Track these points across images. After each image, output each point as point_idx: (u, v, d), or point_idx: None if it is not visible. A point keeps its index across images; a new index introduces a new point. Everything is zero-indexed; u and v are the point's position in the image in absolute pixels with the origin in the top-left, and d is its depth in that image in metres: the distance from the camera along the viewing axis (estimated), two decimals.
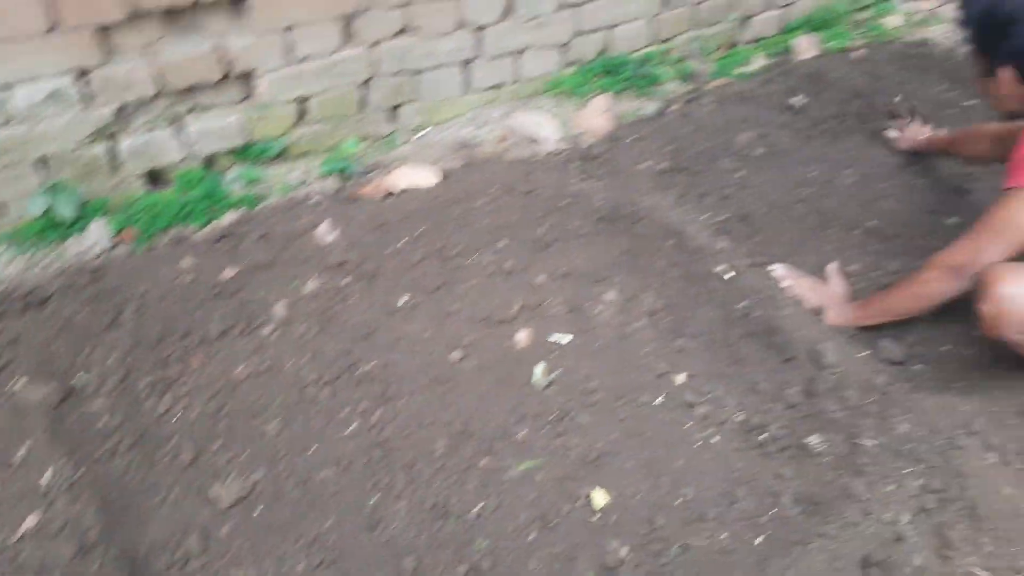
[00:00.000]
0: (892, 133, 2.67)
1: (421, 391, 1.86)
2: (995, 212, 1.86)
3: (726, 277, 2.09)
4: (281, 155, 2.46)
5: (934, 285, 1.95)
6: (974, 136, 2.40)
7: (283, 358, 1.93)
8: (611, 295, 2.13)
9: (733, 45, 3.11)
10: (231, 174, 2.40)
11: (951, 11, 3.41)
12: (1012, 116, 2.03)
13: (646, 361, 1.98)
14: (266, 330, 1.99)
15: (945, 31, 3.35)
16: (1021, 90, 1.94)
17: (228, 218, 2.29)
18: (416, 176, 2.37)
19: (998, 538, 1.57)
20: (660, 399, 1.90)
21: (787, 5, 3.16)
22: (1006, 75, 1.93)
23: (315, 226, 2.22)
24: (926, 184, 2.53)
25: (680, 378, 1.95)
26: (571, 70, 2.79)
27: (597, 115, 2.69)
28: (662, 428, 1.83)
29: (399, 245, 2.19)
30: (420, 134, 2.60)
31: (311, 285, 2.09)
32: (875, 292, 2.16)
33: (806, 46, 3.13)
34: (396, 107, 2.58)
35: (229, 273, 2.11)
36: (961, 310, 1.93)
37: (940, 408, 1.79)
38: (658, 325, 2.07)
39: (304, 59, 2.36)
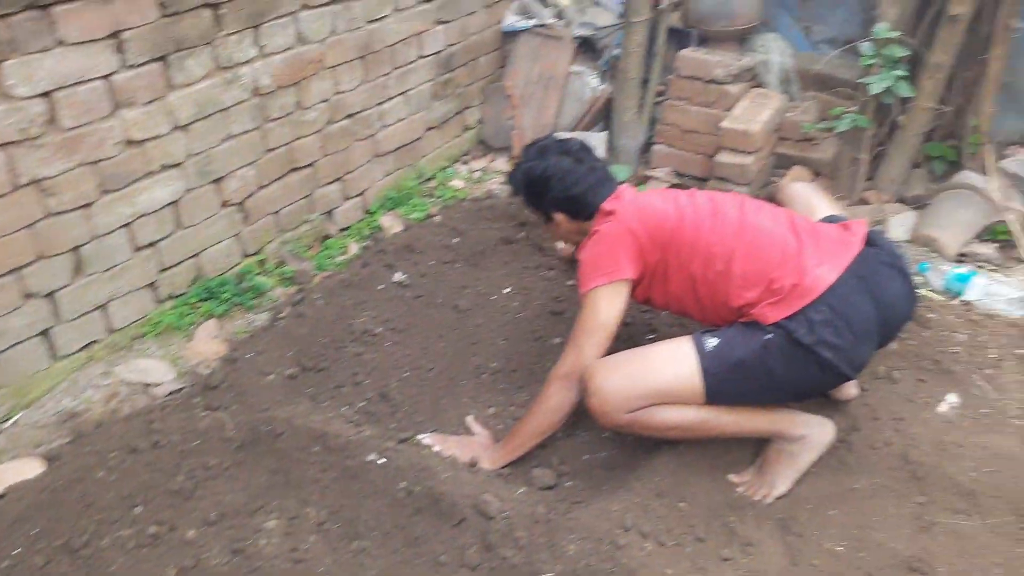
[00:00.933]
0: (559, 244, 3.01)
1: None
2: (582, 318, 2.16)
3: (380, 463, 2.11)
4: None
5: (555, 397, 2.16)
6: None
7: None
8: (272, 523, 2.03)
9: (326, 238, 3.25)
10: None
11: (502, 165, 3.93)
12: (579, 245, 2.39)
13: None
14: None
15: (501, 181, 3.82)
16: (575, 226, 2.39)
17: None
18: (15, 472, 2.10)
19: None
20: None
21: (362, 193, 3.40)
22: (560, 218, 2.39)
23: None
24: (525, 316, 2.80)
25: None
26: (169, 305, 2.71)
27: (208, 342, 2.63)
28: None
29: (15, 555, 1.90)
30: (10, 422, 2.32)
31: None
32: (513, 425, 2.33)
33: (392, 222, 3.38)
34: None
35: None
36: (585, 416, 2.15)
37: (596, 516, 1.94)
38: (329, 536, 2.01)
39: None
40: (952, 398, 2.42)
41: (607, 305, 2.14)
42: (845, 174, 3.54)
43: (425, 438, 2.29)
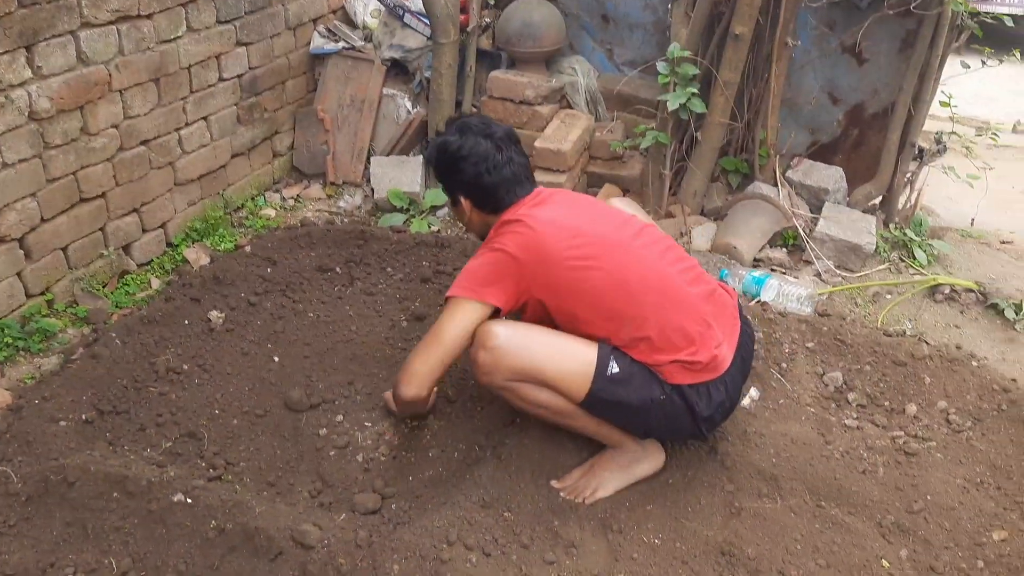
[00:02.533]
0: None
1: None
2: (436, 323, 2.09)
3: (187, 503, 1.97)
4: None
5: (401, 390, 2.10)
6: None
7: None
8: None
9: (124, 274, 3.05)
10: None
11: (317, 192, 3.85)
12: (481, 239, 2.28)
13: None
14: None
15: (317, 208, 3.74)
16: (479, 216, 2.26)
17: None
18: None
19: None
20: None
21: (163, 225, 3.22)
22: (466, 204, 2.26)
23: None
24: (343, 346, 2.73)
25: None
26: None
27: None
28: None
29: None
30: None
31: None
32: None
33: (198, 255, 3.22)
34: None
35: None
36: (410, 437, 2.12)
37: (419, 534, 1.91)
38: None
39: None
40: (753, 392, 2.57)
41: (459, 319, 2.06)
42: (652, 190, 3.72)
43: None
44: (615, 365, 2.05)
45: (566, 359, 2.05)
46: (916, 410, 2.55)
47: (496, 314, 2.09)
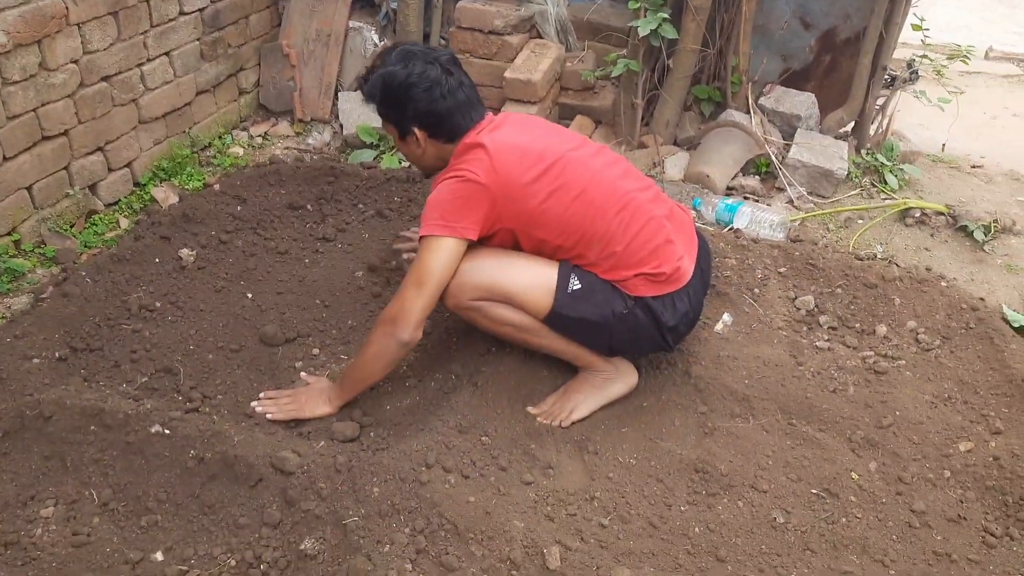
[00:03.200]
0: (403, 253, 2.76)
1: None
2: (416, 264, 2.05)
3: (165, 434, 1.98)
4: None
5: (380, 342, 2.08)
6: None
7: None
8: (48, 510, 1.87)
9: (92, 214, 3.00)
10: None
11: (285, 129, 3.79)
12: (432, 174, 2.26)
13: (116, 557, 1.78)
14: None
15: (285, 145, 3.68)
16: (434, 148, 2.17)
17: None
18: None
19: (480, 540, 1.75)
20: None
21: (129, 164, 3.16)
22: (419, 136, 2.14)
23: None
24: (317, 283, 2.71)
25: (158, 556, 1.79)
26: None
27: None
28: None
29: None
30: None
31: None
32: (344, 368, 2.27)
33: (166, 194, 3.17)
34: None
35: None
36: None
37: (398, 458, 1.93)
38: (115, 515, 1.88)
39: None
40: (727, 317, 2.60)
41: (440, 257, 2.03)
42: (624, 120, 3.69)
43: (256, 405, 2.19)
44: (576, 281, 2.09)
45: (528, 276, 2.08)
46: (886, 330, 2.60)
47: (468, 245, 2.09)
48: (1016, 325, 2.62)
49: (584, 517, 1.91)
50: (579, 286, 2.08)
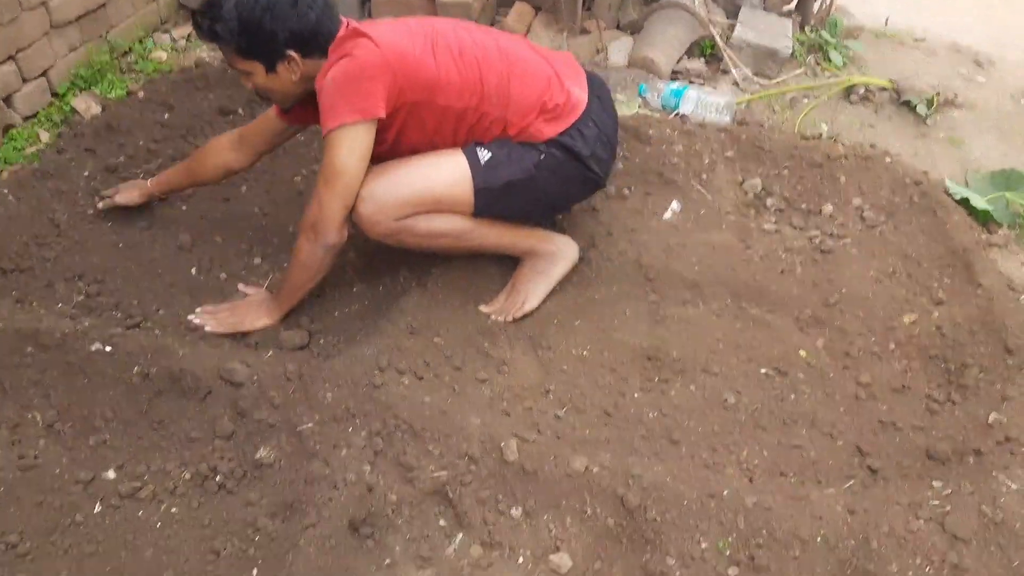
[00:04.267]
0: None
1: None
2: (325, 164, 1.93)
3: (107, 351, 1.92)
4: None
5: (305, 249, 2.01)
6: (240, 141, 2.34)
7: None
8: None
9: (8, 128, 2.83)
10: None
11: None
12: (294, 102, 2.10)
13: (66, 478, 1.75)
14: None
15: (211, 48, 3.50)
16: (304, 68, 1.96)
17: None
18: None
19: (438, 439, 1.75)
20: (98, 507, 1.70)
21: (44, 72, 2.97)
22: (295, 58, 1.94)
23: None
24: (250, 188, 2.62)
25: (110, 474, 1.77)
26: None
27: None
28: (115, 534, 1.65)
29: None
30: None
31: None
32: (279, 277, 2.21)
33: (88, 104, 3.00)
34: None
35: None
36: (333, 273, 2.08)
37: (350, 363, 1.91)
38: (61, 436, 1.84)
39: None
40: (675, 204, 2.58)
41: (351, 147, 1.91)
42: (565, 5, 3.56)
43: (194, 318, 2.12)
44: (485, 151, 2.05)
45: (440, 171, 2.03)
46: (832, 209, 2.61)
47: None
48: (958, 197, 2.64)
49: (540, 410, 1.92)
50: (489, 155, 2.04)
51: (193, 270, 2.35)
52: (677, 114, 3.04)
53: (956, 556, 1.63)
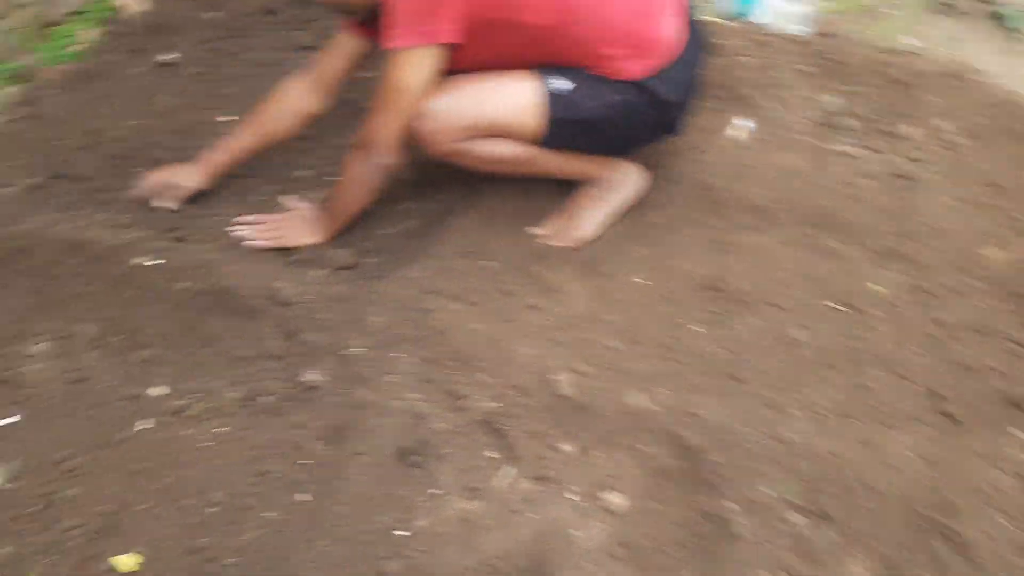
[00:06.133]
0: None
1: None
2: (385, 81, 1.83)
3: (153, 265, 1.89)
4: None
5: (357, 168, 1.93)
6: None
7: None
8: (40, 347, 1.81)
9: (52, 25, 2.76)
10: None
11: None
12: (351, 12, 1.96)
13: (115, 394, 1.74)
14: None
15: None
16: None
17: None
18: None
19: (488, 368, 1.69)
20: (148, 424, 1.69)
21: None
22: None
23: None
24: None
25: (159, 391, 1.75)
26: None
27: None
28: (163, 451, 1.64)
29: None
30: None
31: None
32: (327, 194, 2.11)
33: (132, 1, 2.91)
34: None
35: None
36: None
37: (400, 286, 1.85)
38: (109, 350, 1.82)
39: None
40: (745, 122, 2.43)
41: (415, 71, 1.79)
42: None
43: (236, 231, 2.05)
44: (563, 81, 1.86)
45: (511, 95, 1.86)
46: (913, 131, 2.43)
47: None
48: None
49: (594, 341, 1.84)
50: (570, 86, 1.86)
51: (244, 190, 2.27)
52: (751, 23, 2.84)
53: None
